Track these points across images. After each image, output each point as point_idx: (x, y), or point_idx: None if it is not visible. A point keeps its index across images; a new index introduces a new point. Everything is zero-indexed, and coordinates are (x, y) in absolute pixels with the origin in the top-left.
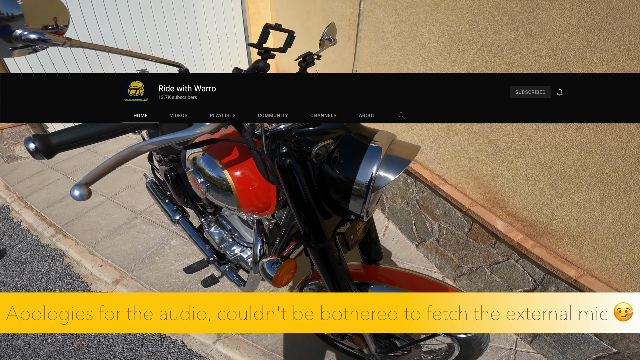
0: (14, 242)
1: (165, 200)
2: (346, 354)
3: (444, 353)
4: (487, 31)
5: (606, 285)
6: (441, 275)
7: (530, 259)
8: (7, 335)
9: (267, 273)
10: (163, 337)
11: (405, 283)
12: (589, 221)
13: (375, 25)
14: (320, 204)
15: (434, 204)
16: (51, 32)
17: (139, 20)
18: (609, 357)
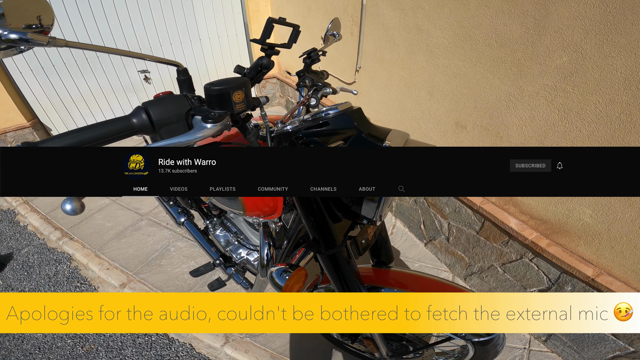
0: (20, 245)
1: (170, 203)
2: (356, 356)
3: (457, 355)
4: (497, 25)
5: (625, 285)
6: (451, 275)
7: (545, 258)
8: (17, 340)
9: (277, 282)
10: (171, 340)
11: (417, 286)
12: (608, 219)
13: (379, 20)
14: (330, 208)
15: (443, 202)
16: (35, 32)
17: (137, 20)
18: (626, 356)
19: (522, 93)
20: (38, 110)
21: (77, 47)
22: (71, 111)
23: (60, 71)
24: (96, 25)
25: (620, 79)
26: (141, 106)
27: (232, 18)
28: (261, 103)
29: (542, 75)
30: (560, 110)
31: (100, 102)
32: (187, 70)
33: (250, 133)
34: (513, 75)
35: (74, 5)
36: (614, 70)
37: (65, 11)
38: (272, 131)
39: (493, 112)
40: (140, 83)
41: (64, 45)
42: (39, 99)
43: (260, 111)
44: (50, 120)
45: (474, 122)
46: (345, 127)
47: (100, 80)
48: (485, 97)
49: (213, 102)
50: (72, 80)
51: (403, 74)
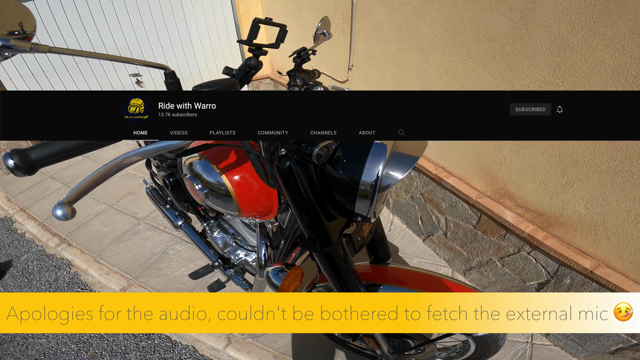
0: (19, 253)
1: (167, 206)
2: (358, 354)
3: (458, 350)
4: (485, 20)
5: (623, 276)
6: (450, 270)
7: (543, 251)
8: (22, 345)
9: (273, 282)
10: (175, 343)
11: (416, 282)
12: (602, 210)
13: (370, 17)
14: (324, 207)
15: (440, 197)
16: (17, 38)
17: (127, 24)
18: (629, 348)
19: (512, 87)
20: None
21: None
22: None
23: (51, 76)
24: (84, 29)
25: (609, 71)
26: None
27: (222, 19)
28: None
29: (532, 69)
30: None
31: None
32: (175, 73)
33: None
34: (503, 69)
35: (60, 10)
36: (602, 63)
37: (52, 16)
38: None
39: None
40: (132, 86)
41: (47, 51)
42: None
43: None
44: None
45: None
46: None
47: (91, 85)
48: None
49: None
50: (62, 86)
51: (395, 71)
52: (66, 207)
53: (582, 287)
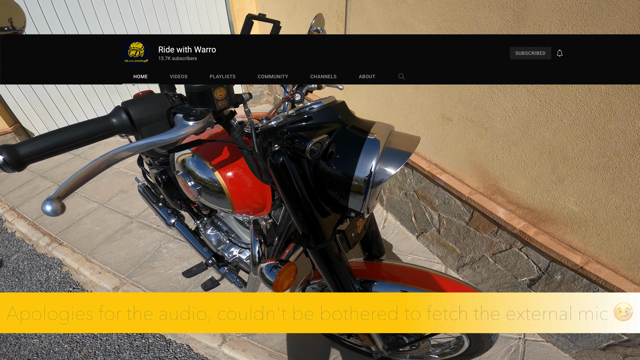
0: (10, 252)
1: (159, 204)
2: (354, 351)
3: (453, 346)
4: (478, 17)
5: (613, 272)
6: (444, 267)
7: (534, 247)
8: (14, 346)
9: (267, 278)
10: (169, 342)
11: (409, 278)
12: (592, 206)
13: (364, 15)
14: (317, 203)
15: (433, 194)
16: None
17: (118, 19)
18: (620, 344)
19: (504, 84)
20: (19, 115)
21: None
22: (53, 115)
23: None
24: (74, 25)
25: None
26: (120, 106)
27: (216, 17)
28: (244, 100)
29: None
30: (541, 101)
31: (83, 105)
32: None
33: (235, 130)
34: None
35: (49, 5)
36: None
37: (41, 11)
38: (256, 127)
39: (477, 104)
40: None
41: None
42: (19, 103)
43: (243, 108)
44: (33, 125)
45: (460, 114)
46: (329, 120)
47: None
48: (469, 89)
49: (194, 99)
50: (55, 88)
51: None
52: (55, 202)
53: (573, 283)
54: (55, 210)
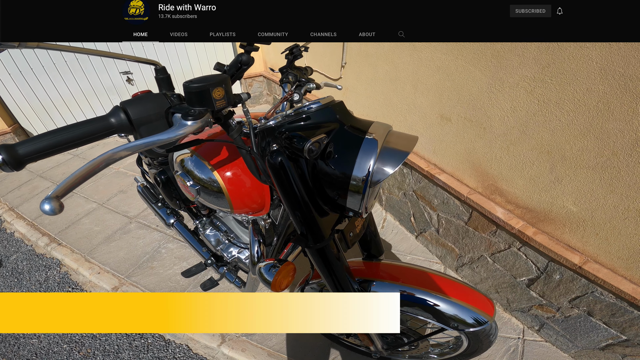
0: (9, 252)
1: (158, 204)
2: (353, 351)
3: (451, 346)
4: None
5: (611, 272)
6: (442, 266)
7: (533, 247)
8: (13, 346)
9: (265, 278)
10: (168, 342)
11: (408, 278)
12: (591, 206)
13: None
14: (316, 202)
15: (432, 194)
16: None
17: None
18: (619, 344)
19: (502, 84)
20: (18, 115)
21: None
22: (52, 115)
23: (39, 74)
24: None
25: (596, 68)
26: (119, 106)
27: None
28: (242, 99)
29: (521, 67)
30: (539, 101)
31: (82, 105)
32: (166, 69)
33: (234, 129)
34: (493, 67)
35: None
36: (590, 61)
37: None
38: (255, 127)
39: (476, 104)
40: (122, 85)
41: (35, 47)
42: (18, 103)
43: (242, 107)
44: (32, 125)
45: (458, 114)
46: (328, 120)
47: (81, 83)
48: (468, 89)
49: (193, 99)
50: (51, 84)
51: (388, 68)
52: (54, 201)
53: (572, 282)
54: (53, 209)
